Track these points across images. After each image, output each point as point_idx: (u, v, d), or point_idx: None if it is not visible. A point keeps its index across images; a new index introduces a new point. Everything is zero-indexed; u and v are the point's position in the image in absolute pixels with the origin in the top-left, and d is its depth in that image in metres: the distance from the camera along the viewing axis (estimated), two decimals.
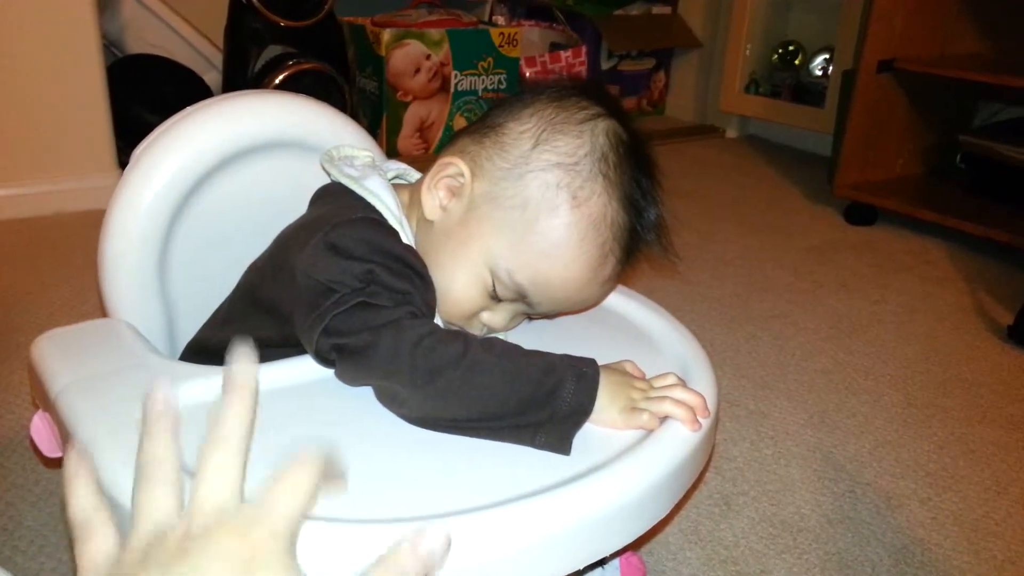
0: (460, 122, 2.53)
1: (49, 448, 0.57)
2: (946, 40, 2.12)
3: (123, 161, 1.94)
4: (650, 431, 0.54)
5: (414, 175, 0.72)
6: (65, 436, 0.53)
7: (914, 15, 2.01)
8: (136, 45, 2.21)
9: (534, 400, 0.52)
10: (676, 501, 0.53)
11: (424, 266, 0.60)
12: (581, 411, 0.53)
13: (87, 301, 1.43)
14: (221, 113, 0.68)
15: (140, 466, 0.36)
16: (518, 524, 0.45)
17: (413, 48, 2.40)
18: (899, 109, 2.12)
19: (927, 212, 1.97)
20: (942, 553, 0.94)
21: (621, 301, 0.73)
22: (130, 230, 0.64)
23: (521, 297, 0.62)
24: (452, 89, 2.49)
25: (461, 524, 0.44)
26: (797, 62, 2.85)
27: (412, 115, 2.44)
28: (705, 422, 0.55)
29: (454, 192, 0.63)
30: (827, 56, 2.75)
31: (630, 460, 0.50)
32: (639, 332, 0.69)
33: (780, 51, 2.88)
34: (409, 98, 2.43)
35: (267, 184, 0.71)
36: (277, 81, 2.14)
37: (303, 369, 0.57)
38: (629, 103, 3.15)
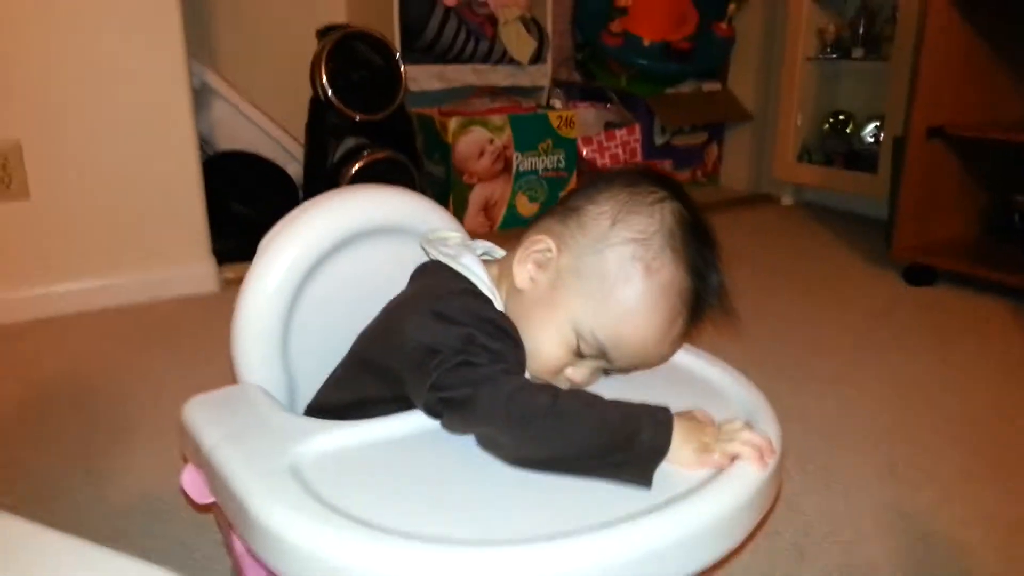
0: (522, 200, 2.66)
1: (201, 496, 0.66)
2: (996, 104, 2.18)
3: (215, 250, 2.11)
4: (721, 469, 0.61)
5: (499, 252, 0.82)
6: (215, 485, 0.62)
7: (961, 82, 2.08)
8: (225, 142, 2.40)
9: (616, 443, 0.60)
10: (747, 533, 0.59)
11: (515, 330, 0.69)
12: (659, 451, 0.60)
13: (190, 377, 1.55)
14: (333, 206, 0.79)
15: None
16: (608, 547, 0.52)
17: (477, 134, 2.55)
18: (952, 172, 2.17)
19: (986, 271, 2.00)
20: None
21: (689, 359, 0.80)
22: (259, 307, 0.75)
23: (602, 354, 0.71)
24: (514, 170, 2.63)
25: (561, 546, 0.51)
26: (848, 131, 2.93)
27: (477, 196, 2.58)
28: (771, 461, 0.62)
29: (541, 265, 0.73)
30: (878, 124, 2.82)
31: (704, 493, 0.57)
32: (706, 385, 0.77)
33: (831, 121, 2.96)
34: (474, 180, 2.57)
35: (372, 265, 0.81)
36: (354, 170, 2.30)
37: (415, 421, 0.66)
38: (684, 175, 3.26)
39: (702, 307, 0.73)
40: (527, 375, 0.69)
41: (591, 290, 0.70)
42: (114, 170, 1.94)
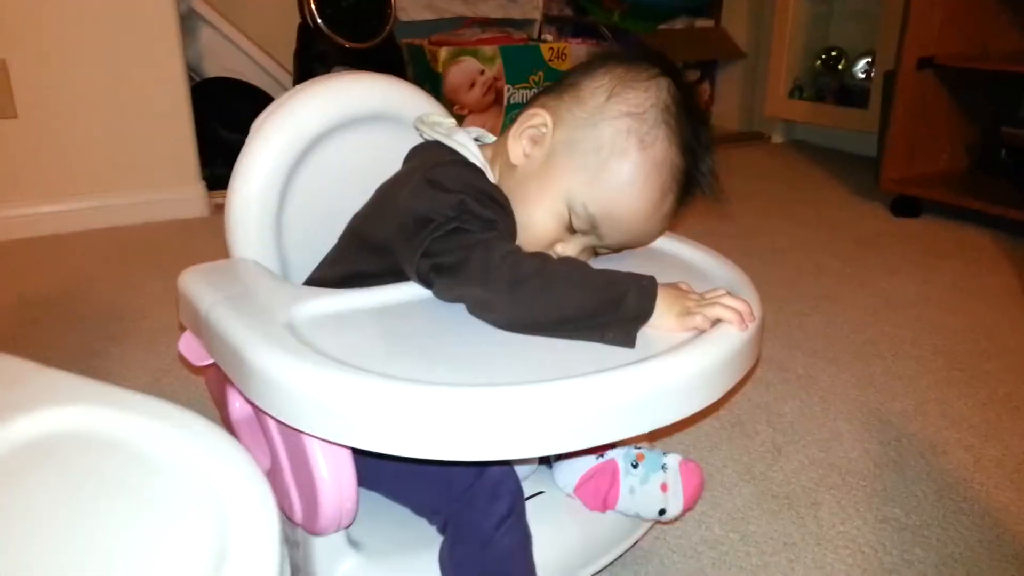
0: None
1: (198, 358, 0.68)
2: (987, 36, 2.17)
3: (204, 176, 2.10)
4: (703, 332, 0.63)
5: (490, 137, 0.83)
6: (213, 345, 0.64)
7: (952, 12, 2.07)
8: (213, 69, 2.38)
9: (603, 305, 0.61)
10: (725, 389, 0.62)
11: (507, 201, 0.70)
12: (643, 313, 0.62)
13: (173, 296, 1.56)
14: (326, 90, 0.80)
15: None
16: (598, 391, 0.54)
17: (468, 64, 2.53)
18: (941, 104, 2.17)
19: (971, 201, 2.02)
20: (984, 490, 1.00)
21: (675, 244, 0.82)
22: (252, 188, 0.76)
23: (593, 229, 0.72)
24: (505, 102, 2.61)
25: (550, 390, 0.53)
26: (840, 67, 2.92)
27: (467, 127, 2.56)
28: (751, 324, 0.64)
29: (536, 140, 0.74)
30: (869, 59, 2.81)
31: (686, 349, 0.59)
32: (691, 265, 0.78)
33: (823, 57, 2.95)
34: (465, 111, 2.55)
35: (364, 151, 0.82)
36: (323, 76, 2.28)
37: (408, 290, 0.68)
38: None
39: (692, 184, 0.74)
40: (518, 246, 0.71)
41: (585, 163, 0.71)
42: (102, 92, 1.92)
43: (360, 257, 0.74)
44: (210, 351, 0.66)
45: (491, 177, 0.74)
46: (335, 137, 0.80)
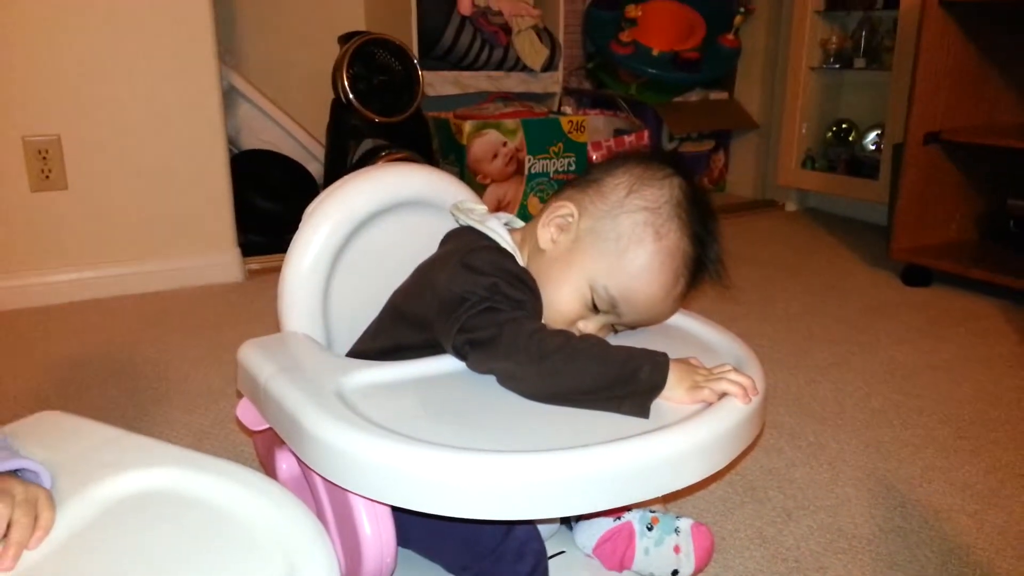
0: (533, 201, 2.75)
1: (255, 423, 0.76)
2: (992, 111, 2.27)
3: (241, 242, 2.21)
4: (710, 405, 0.69)
5: (519, 223, 0.92)
6: (269, 411, 0.72)
7: (957, 88, 2.17)
8: (250, 142, 2.51)
9: (619, 378, 0.68)
10: (730, 458, 0.68)
11: (535, 283, 0.79)
12: (656, 387, 0.69)
13: (219, 355, 1.65)
14: (371, 180, 0.89)
15: None
16: (615, 458, 0.61)
17: (491, 136, 2.65)
18: (948, 177, 2.25)
19: (980, 272, 2.08)
20: (986, 556, 1.04)
21: (687, 321, 0.89)
22: (303, 267, 0.84)
23: (612, 308, 0.80)
24: (526, 172, 2.72)
25: (572, 456, 0.60)
26: (851, 139, 3.02)
27: (490, 196, 2.67)
28: (755, 399, 0.70)
29: (563, 228, 0.83)
30: (879, 132, 2.91)
31: (694, 421, 0.66)
32: (701, 341, 0.86)
33: (834, 129, 3.05)
34: (488, 181, 2.66)
35: (403, 234, 0.90)
36: (369, 167, 2.40)
37: (445, 362, 0.75)
38: None
39: (702, 271, 0.83)
40: (544, 324, 0.78)
41: (607, 250, 0.80)
42: (148, 164, 2.05)
43: (399, 331, 0.82)
44: (266, 417, 0.73)
45: (520, 260, 0.82)
46: (378, 221, 0.89)
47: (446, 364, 0.75)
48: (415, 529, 0.72)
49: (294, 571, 0.45)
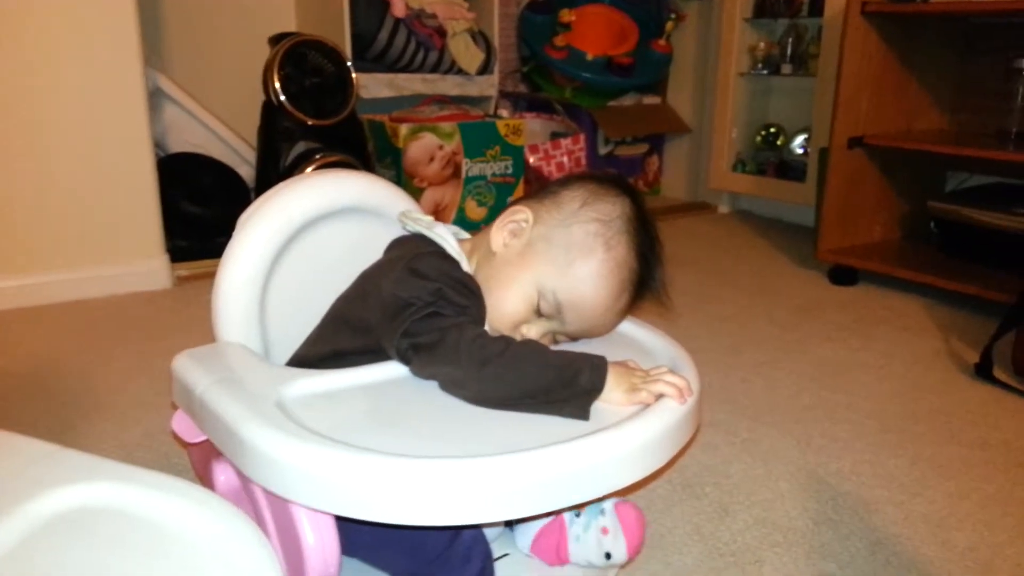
0: (471, 204, 2.76)
1: (191, 436, 0.74)
2: (911, 117, 2.36)
3: (168, 247, 2.15)
4: (647, 406, 0.71)
5: (464, 234, 0.92)
6: (206, 423, 0.70)
7: (878, 96, 2.25)
8: (177, 144, 2.45)
9: (559, 382, 0.69)
10: (667, 457, 0.69)
11: (479, 289, 0.79)
12: (594, 389, 0.70)
13: (148, 363, 1.60)
14: (308, 186, 0.88)
15: None
16: (555, 460, 0.61)
17: (427, 140, 2.64)
18: (872, 179, 2.34)
19: (903, 271, 2.16)
20: (912, 545, 1.08)
21: (625, 325, 0.91)
22: (237, 277, 0.82)
23: (557, 314, 0.81)
24: (463, 175, 2.72)
25: (514, 460, 0.60)
26: (779, 142, 3.10)
27: (427, 199, 2.66)
28: (690, 399, 0.72)
29: (516, 233, 0.84)
30: (806, 136, 3.00)
31: (632, 421, 0.67)
32: (639, 344, 0.87)
33: (763, 133, 3.13)
34: (424, 184, 2.65)
35: (340, 241, 0.89)
36: (306, 173, 2.37)
37: (386, 369, 0.75)
38: None
39: (644, 288, 0.86)
40: (487, 329, 0.79)
41: (557, 256, 0.81)
42: (71, 168, 1.98)
43: (342, 337, 0.82)
44: (203, 429, 0.71)
45: (466, 267, 0.82)
46: (315, 228, 0.88)
47: (387, 371, 0.75)
48: (360, 537, 0.71)
49: None
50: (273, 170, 2.44)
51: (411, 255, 0.79)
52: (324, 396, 0.70)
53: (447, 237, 0.84)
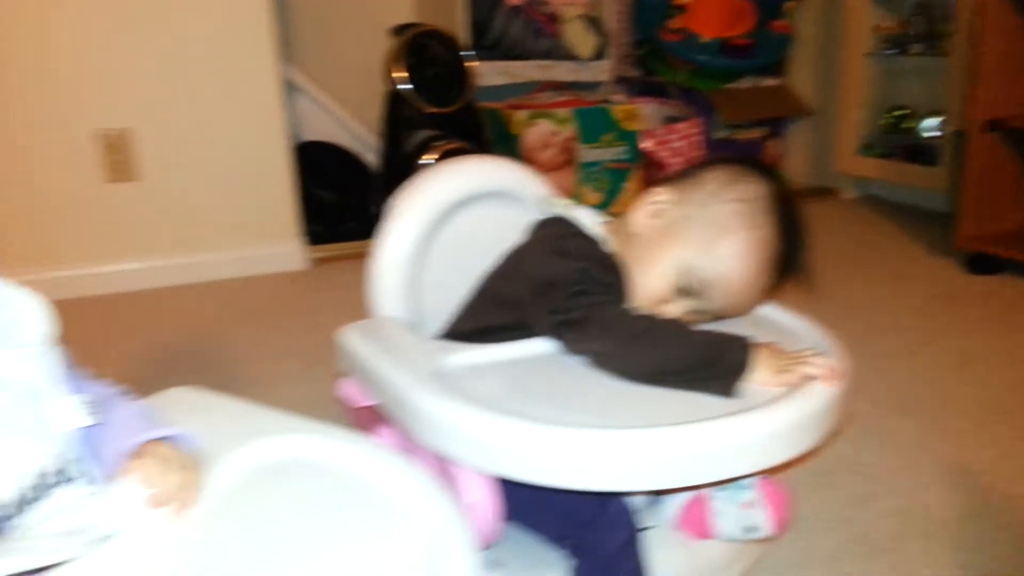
0: (586, 190, 2.76)
1: (358, 400, 0.79)
2: None
3: (303, 230, 2.26)
4: (794, 387, 0.70)
5: (602, 216, 0.93)
6: (373, 389, 0.75)
7: (1018, 75, 2.12)
8: (308, 133, 2.56)
9: (705, 360, 0.70)
10: (814, 441, 0.69)
11: (622, 268, 0.80)
12: (741, 368, 0.70)
13: (286, 337, 1.69)
14: (453, 173, 0.92)
15: None
16: (702, 437, 0.62)
17: (542, 127, 2.66)
18: (1013, 163, 2.21)
19: None
20: None
21: (770, 311, 0.90)
22: (393, 256, 0.87)
23: (699, 293, 0.81)
24: (579, 161, 2.73)
25: (664, 434, 0.62)
26: (908, 124, 2.96)
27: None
28: (839, 383, 0.71)
29: (656, 214, 0.85)
30: (937, 118, 2.85)
31: (780, 402, 0.67)
32: (785, 328, 0.86)
33: (890, 115, 3.00)
34: (540, 171, 2.67)
35: (484, 223, 0.93)
36: (425, 159, 2.44)
37: (535, 346, 0.77)
38: None
39: (788, 268, 0.85)
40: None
41: (699, 235, 0.81)
42: (215, 157, 2.10)
43: (490, 313, 0.84)
44: (371, 396, 0.76)
45: (608, 247, 0.83)
46: (461, 212, 0.92)
47: (536, 347, 0.77)
48: (517, 501, 0.74)
49: (436, 544, 0.47)
50: (395, 156, 2.51)
51: (556, 236, 0.81)
52: (479, 368, 0.73)
53: (587, 220, 0.85)
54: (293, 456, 0.55)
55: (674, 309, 0.82)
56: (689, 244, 0.81)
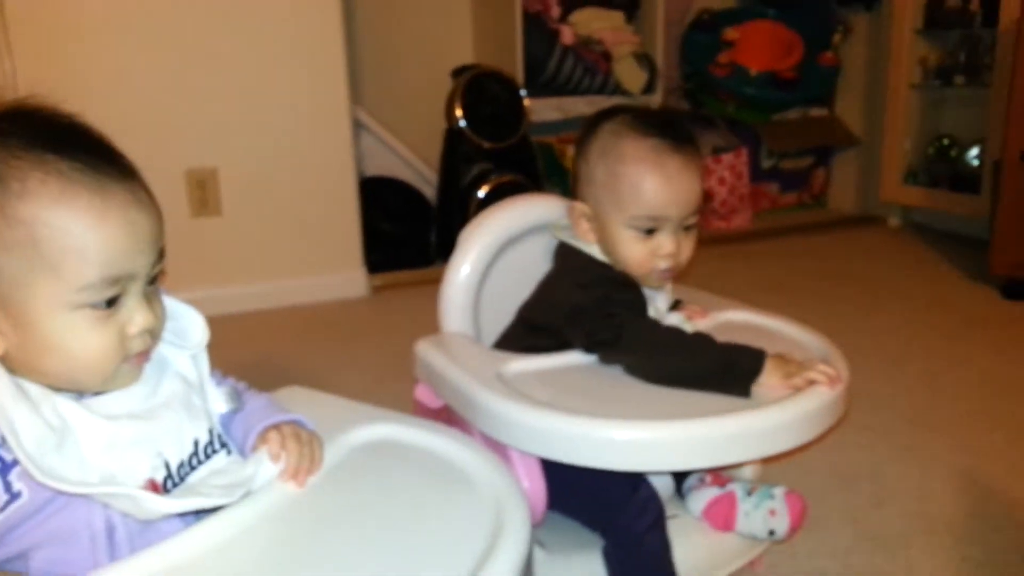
0: None
1: (433, 402, 0.95)
2: None
3: (366, 260, 2.45)
4: (800, 390, 0.83)
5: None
6: (445, 392, 0.91)
7: None
8: (372, 169, 2.75)
9: (722, 365, 0.84)
10: (816, 434, 0.82)
11: (632, 279, 0.94)
12: (754, 372, 0.83)
13: (353, 358, 1.86)
14: (511, 209, 1.07)
15: None
16: (720, 426, 0.76)
17: None
18: None
19: None
20: None
21: (781, 325, 1.03)
22: (458, 281, 1.03)
23: (654, 220, 0.92)
24: None
25: (694, 423, 0.76)
26: (952, 154, 3.03)
27: None
28: (839, 387, 0.84)
29: (582, 221, 0.97)
30: (981, 147, 2.92)
31: (787, 400, 0.80)
32: (794, 340, 0.99)
33: (936, 144, 3.07)
34: None
35: (537, 252, 1.08)
36: (483, 192, 2.61)
37: (580, 356, 0.92)
38: (790, 198, 3.44)
39: (679, 140, 0.93)
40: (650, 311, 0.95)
41: (602, 193, 0.94)
42: (289, 191, 2.31)
43: (531, 338, 0.99)
44: (443, 397, 0.92)
45: (605, 259, 0.97)
46: (517, 242, 1.07)
47: (579, 357, 0.92)
48: (558, 491, 0.88)
49: (501, 507, 0.61)
50: (453, 190, 2.69)
51: (571, 269, 0.96)
52: (533, 373, 0.88)
53: (589, 245, 0.98)
54: (387, 439, 0.71)
55: (663, 249, 0.93)
56: (608, 204, 0.94)
